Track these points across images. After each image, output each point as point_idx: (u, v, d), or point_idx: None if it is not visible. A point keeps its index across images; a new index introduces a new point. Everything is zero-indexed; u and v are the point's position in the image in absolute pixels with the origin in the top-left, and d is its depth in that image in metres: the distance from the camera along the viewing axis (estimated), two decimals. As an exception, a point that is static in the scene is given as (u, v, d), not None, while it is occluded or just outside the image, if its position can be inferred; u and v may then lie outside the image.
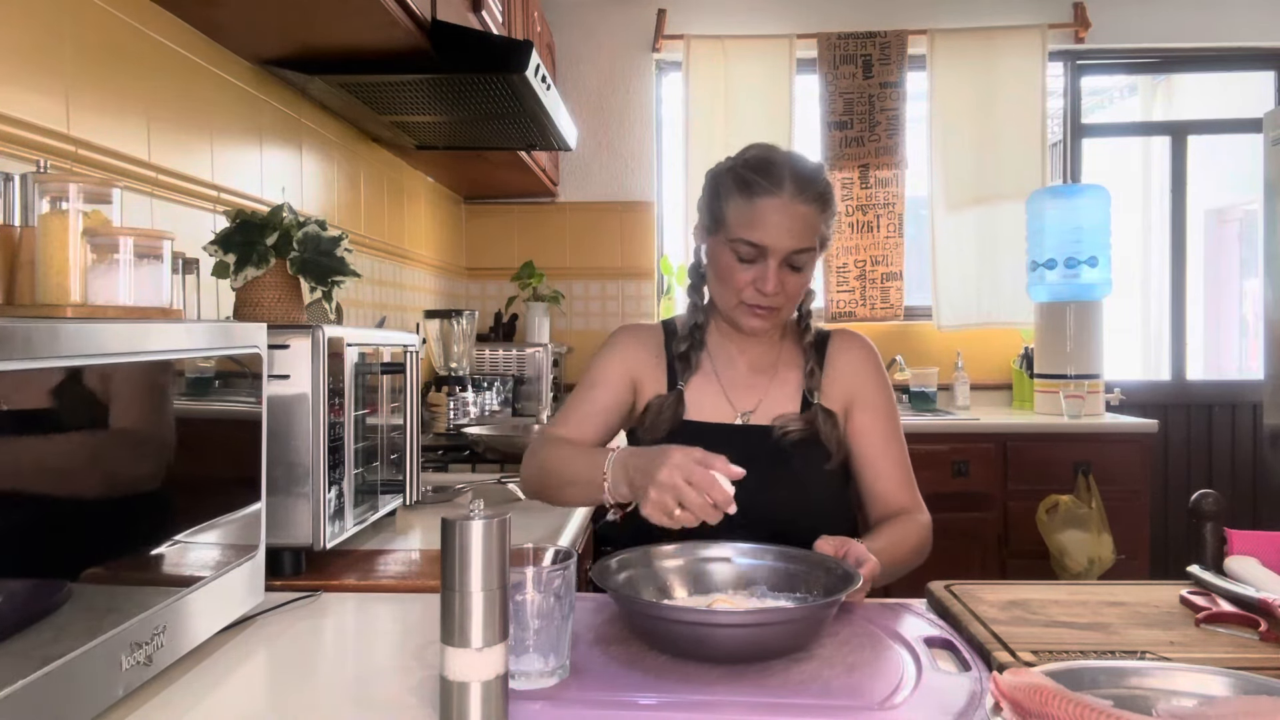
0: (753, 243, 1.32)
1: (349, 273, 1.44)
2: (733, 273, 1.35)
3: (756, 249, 1.32)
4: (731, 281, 1.36)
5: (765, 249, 1.32)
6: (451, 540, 0.78)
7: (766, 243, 1.32)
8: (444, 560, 0.78)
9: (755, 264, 1.34)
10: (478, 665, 0.77)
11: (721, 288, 1.39)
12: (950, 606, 1.09)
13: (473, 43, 1.90)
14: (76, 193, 0.93)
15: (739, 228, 1.33)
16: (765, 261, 1.33)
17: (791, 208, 1.32)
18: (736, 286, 1.35)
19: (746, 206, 1.33)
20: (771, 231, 1.31)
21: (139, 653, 0.82)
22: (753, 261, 1.34)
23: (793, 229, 1.32)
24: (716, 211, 1.38)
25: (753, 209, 1.32)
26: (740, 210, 1.34)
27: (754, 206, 1.32)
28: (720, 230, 1.37)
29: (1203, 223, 4.49)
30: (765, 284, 1.33)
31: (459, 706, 0.78)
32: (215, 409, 1.02)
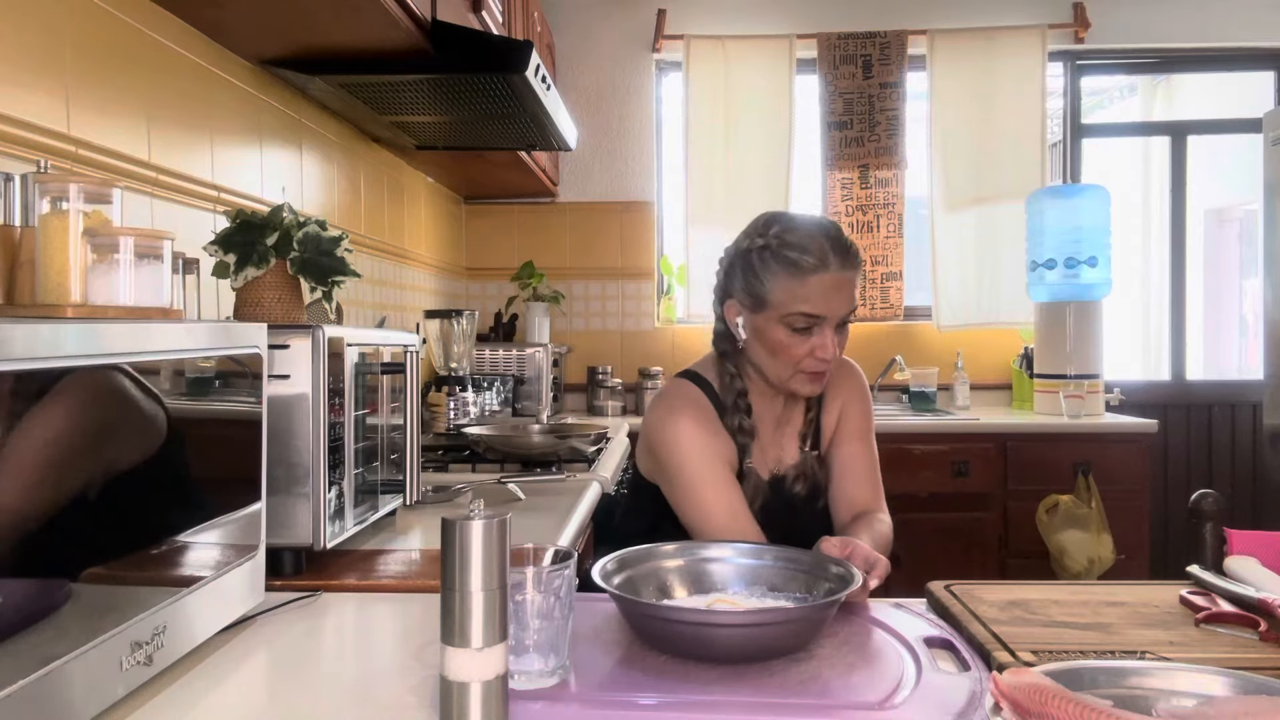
0: (811, 314, 1.39)
1: (349, 273, 1.44)
2: (790, 346, 1.42)
3: (813, 319, 1.40)
4: (788, 354, 1.42)
5: (822, 319, 1.40)
6: (451, 540, 0.78)
7: (825, 313, 1.39)
8: (444, 560, 0.78)
9: (811, 333, 1.41)
10: (478, 665, 0.77)
11: (776, 361, 1.45)
12: (950, 606, 1.09)
13: (473, 43, 1.90)
14: (77, 193, 0.93)
15: (793, 304, 1.40)
16: (822, 329, 1.40)
17: (840, 278, 1.40)
18: (794, 358, 1.42)
19: (798, 285, 1.39)
20: (828, 303, 1.39)
21: (139, 653, 0.82)
22: (808, 331, 1.41)
23: (843, 297, 1.41)
24: (757, 291, 1.43)
25: (805, 286, 1.39)
26: (790, 289, 1.40)
27: (806, 284, 1.39)
28: (767, 309, 1.42)
29: (1203, 223, 4.49)
30: (826, 351, 1.41)
31: (459, 706, 0.78)
32: (215, 409, 1.02)
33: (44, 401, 0.71)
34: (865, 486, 1.54)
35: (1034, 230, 3.46)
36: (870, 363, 3.75)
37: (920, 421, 3.27)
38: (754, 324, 1.46)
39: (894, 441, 3.08)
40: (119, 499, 0.83)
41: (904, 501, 3.10)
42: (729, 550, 1.16)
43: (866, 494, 1.54)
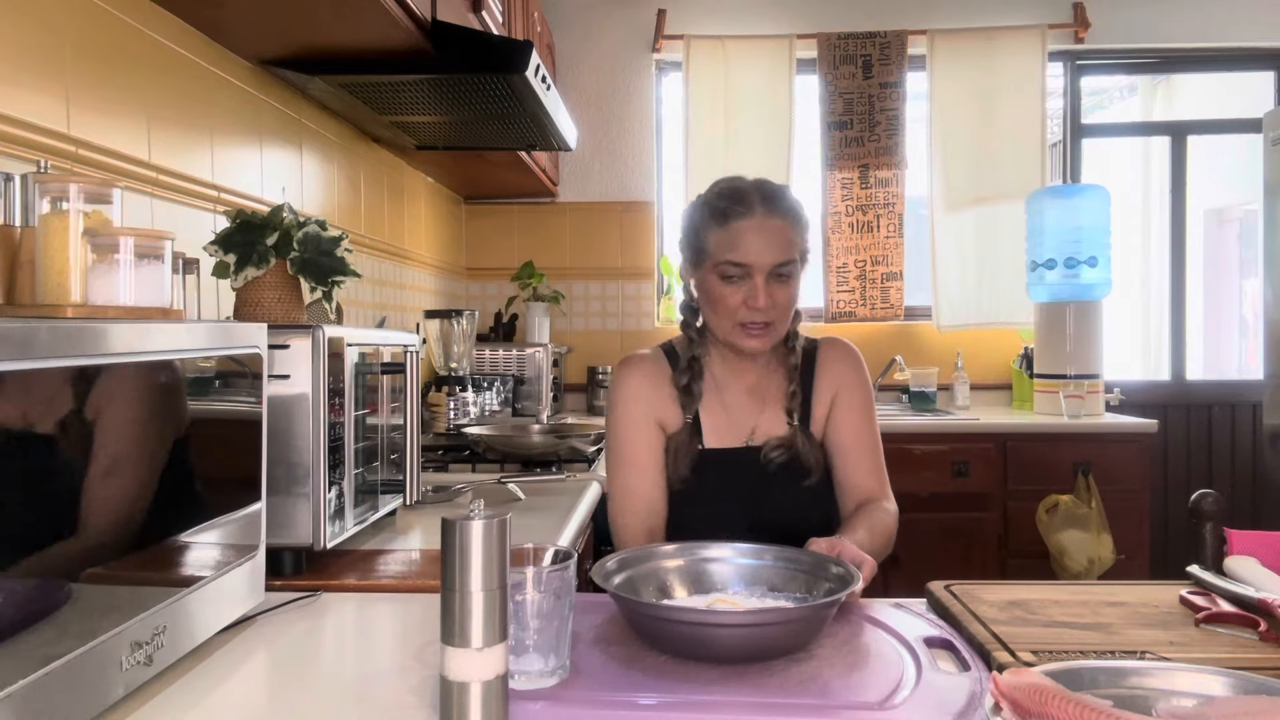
0: (736, 262, 1.40)
1: (349, 273, 1.44)
2: (724, 297, 1.42)
3: (741, 268, 1.40)
4: (724, 305, 1.42)
5: (749, 266, 1.40)
6: (451, 540, 0.78)
7: (749, 260, 1.39)
8: (444, 560, 0.78)
9: (743, 283, 1.40)
10: (478, 665, 0.77)
11: (715, 315, 1.45)
12: (950, 606, 1.09)
13: (473, 43, 1.90)
14: (77, 193, 0.93)
15: (721, 252, 1.41)
16: (751, 279, 1.40)
17: (766, 224, 1.40)
18: (730, 308, 1.42)
19: (723, 232, 1.41)
20: (752, 249, 1.39)
21: (139, 653, 0.82)
22: (739, 281, 1.40)
23: (770, 244, 1.40)
24: (697, 244, 1.45)
25: (729, 233, 1.41)
26: (719, 237, 1.42)
27: (730, 230, 1.41)
28: (704, 261, 1.44)
29: (1203, 223, 4.49)
30: (756, 299, 1.40)
31: (459, 706, 0.78)
32: (216, 409, 1.02)
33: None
34: (869, 473, 1.52)
35: (1034, 230, 3.46)
36: (870, 363, 3.73)
37: (920, 421, 3.27)
38: (698, 279, 1.47)
39: (894, 441, 3.05)
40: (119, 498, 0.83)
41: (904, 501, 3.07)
42: (729, 550, 1.16)
43: (870, 480, 1.51)
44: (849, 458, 1.52)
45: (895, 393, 3.76)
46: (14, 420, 0.68)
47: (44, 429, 0.72)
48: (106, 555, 0.80)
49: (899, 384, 3.74)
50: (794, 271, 1.43)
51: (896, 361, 3.68)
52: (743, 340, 1.44)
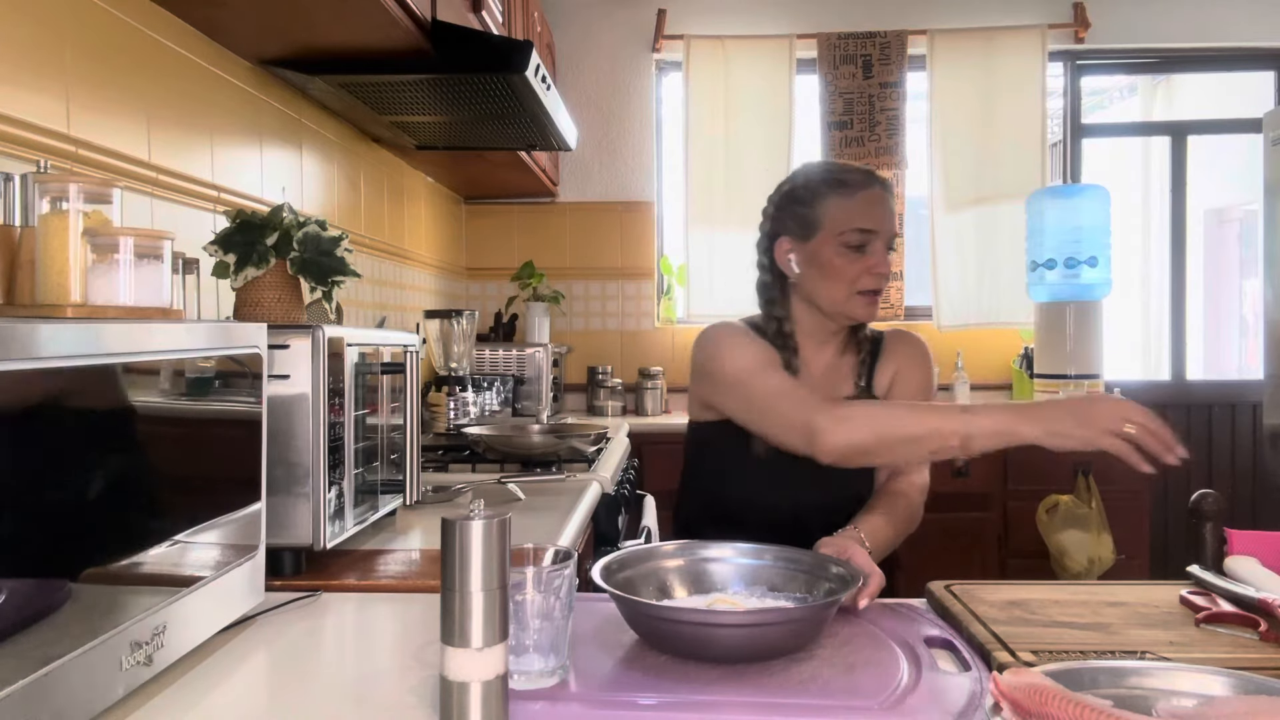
0: (865, 228, 1.44)
1: (349, 273, 1.44)
2: (844, 266, 1.45)
3: (868, 234, 1.44)
4: (844, 274, 1.45)
5: (876, 232, 1.45)
6: (451, 540, 0.78)
7: (877, 226, 1.45)
8: (444, 560, 0.78)
9: (864, 251, 1.45)
10: (478, 665, 0.77)
11: (831, 284, 1.47)
12: (950, 606, 1.09)
13: (473, 43, 1.90)
14: (76, 193, 0.93)
15: (846, 220, 1.45)
16: (874, 245, 1.45)
17: (884, 197, 1.48)
18: (850, 277, 1.45)
19: (848, 201, 1.45)
20: (877, 218, 1.45)
21: (139, 653, 0.82)
22: (860, 250, 1.45)
23: (890, 215, 1.48)
24: (809, 218, 1.48)
25: (854, 200, 1.45)
26: (842, 205, 1.45)
27: (855, 199, 1.45)
28: (820, 232, 1.46)
29: (1203, 223, 4.49)
30: (882, 265, 1.45)
31: (459, 706, 0.78)
32: (215, 409, 1.02)
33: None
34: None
35: (1034, 230, 3.46)
36: (870, 363, 3.75)
37: (920, 421, 3.27)
38: (807, 252, 1.48)
39: (894, 441, 3.07)
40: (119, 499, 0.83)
41: (904, 501, 3.11)
42: (729, 550, 1.16)
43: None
44: None
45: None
46: (14, 420, 0.68)
47: (44, 429, 0.72)
48: (106, 555, 0.80)
49: (899, 384, 3.73)
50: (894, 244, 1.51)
51: (896, 361, 3.68)
52: (860, 308, 1.47)
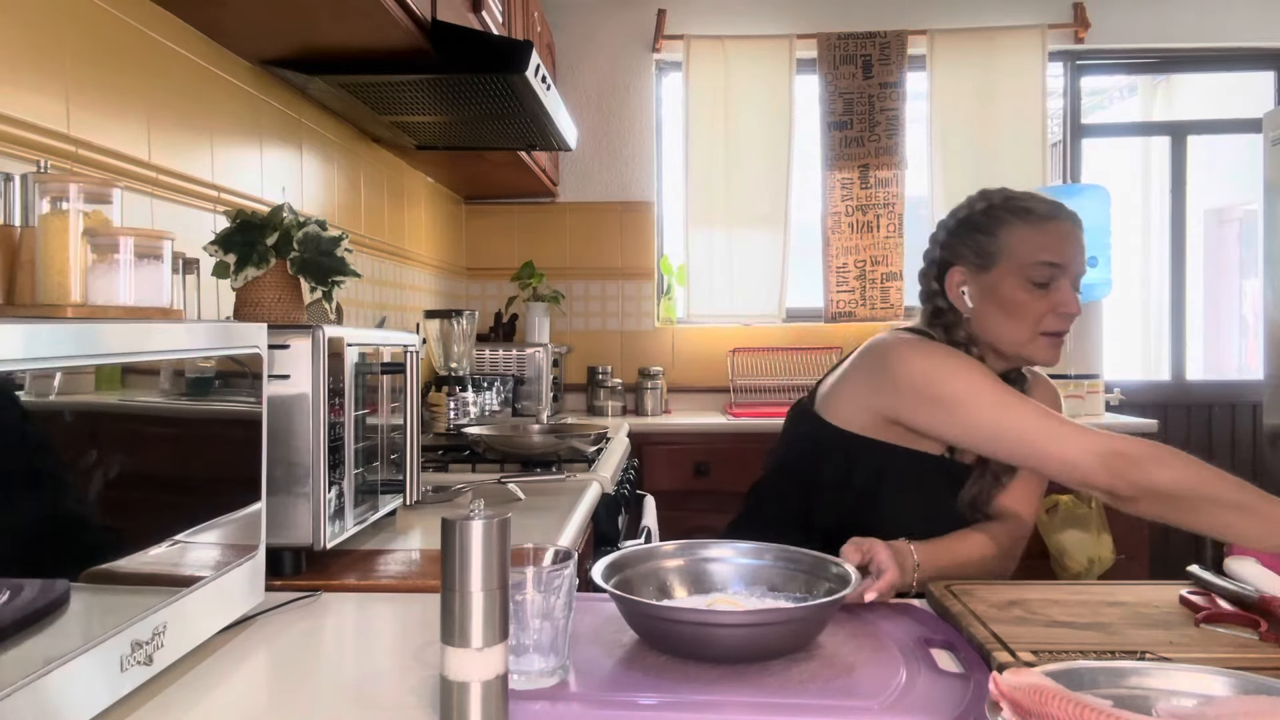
0: (1053, 263, 1.31)
1: (349, 273, 1.44)
2: (1028, 303, 1.32)
3: (1055, 269, 1.32)
4: (1028, 312, 1.32)
5: (1064, 268, 1.32)
6: (451, 540, 0.78)
7: (1066, 262, 1.32)
8: (444, 560, 0.78)
9: (1050, 288, 1.32)
10: (478, 665, 0.77)
11: (1013, 322, 1.34)
12: (950, 606, 1.09)
13: (473, 43, 1.90)
14: (77, 193, 0.93)
15: (1032, 253, 1.32)
16: (1062, 283, 1.32)
17: (1077, 232, 1.35)
18: (1035, 316, 1.32)
19: (1037, 232, 1.33)
20: (1067, 252, 1.32)
21: (139, 653, 0.82)
22: (1047, 286, 1.32)
23: (1079, 250, 1.34)
24: (989, 248, 1.35)
25: (1044, 233, 1.32)
26: (1028, 237, 1.33)
27: (1045, 230, 1.33)
28: (1000, 263, 1.34)
29: (1203, 223, 4.49)
30: (1071, 305, 1.32)
31: (459, 706, 0.78)
32: (216, 409, 1.02)
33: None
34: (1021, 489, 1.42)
35: (1034, 230, 3.46)
36: (870, 363, 3.75)
37: (920, 421, 3.27)
38: (985, 284, 1.35)
39: (894, 441, 3.07)
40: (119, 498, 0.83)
41: (904, 501, 3.10)
42: (729, 550, 1.16)
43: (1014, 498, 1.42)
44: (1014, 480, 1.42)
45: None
46: (14, 420, 0.68)
47: (43, 429, 0.72)
48: (106, 555, 0.80)
49: (899, 384, 3.73)
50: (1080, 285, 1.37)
51: (896, 361, 3.68)
52: (1042, 352, 1.34)
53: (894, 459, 1.38)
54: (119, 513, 0.83)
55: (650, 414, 3.64)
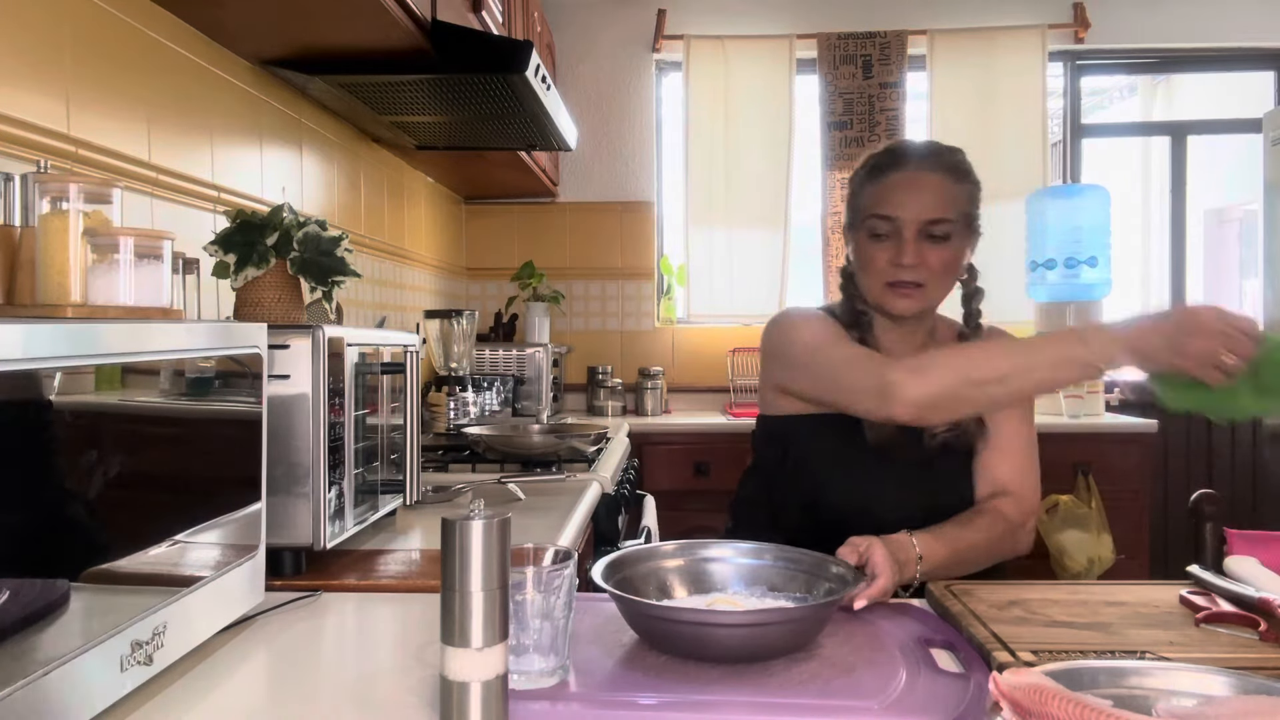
0: (884, 215, 1.35)
1: (349, 273, 1.44)
2: (872, 256, 1.37)
3: (889, 222, 1.35)
4: (873, 264, 1.37)
5: (897, 220, 1.34)
6: (451, 540, 0.78)
7: (898, 214, 1.34)
8: (444, 560, 0.78)
9: (891, 241, 1.35)
10: (478, 665, 0.77)
11: (866, 276, 1.40)
12: (950, 606, 1.09)
13: (473, 43, 1.90)
14: (77, 193, 0.93)
15: (870, 206, 1.37)
16: (900, 235, 1.34)
17: (918, 178, 1.35)
18: (878, 267, 1.36)
19: (875, 185, 1.37)
20: (902, 202, 1.34)
21: (139, 653, 0.82)
22: (887, 239, 1.36)
23: (922, 199, 1.34)
24: (854, 204, 1.42)
25: (880, 185, 1.37)
26: (871, 192, 1.38)
27: (881, 184, 1.37)
28: (858, 222, 1.40)
29: (1203, 223, 4.49)
30: (902, 255, 1.33)
31: (459, 706, 0.78)
32: (215, 409, 1.02)
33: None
34: (1011, 462, 1.41)
35: (1034, 230, 3.46)
36: (870, 363, 3.75)
37: (920, 421, 3.27)
38: (853, 243, 1.42)
39: (894, 441, 3.07)
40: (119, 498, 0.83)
41: (904, 501, 3.10)
42: (729, 550, 1.16)
43: (1007, 472, 1.41)
44: (996, 445, 1.42)
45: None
46: (13, 420, 0.68)
47: (43, 429, 0.72)
48: (106, 555, 0.80)
49: (899, 384, 3.73)
50: (951, 233, 1.35)
51: (896, 361, 3.68)
52: (891, 301, 1.37)
53: (802, 427, 1.43)
54: (119, 512, 0.83)
55: (650, 414, 3.64)
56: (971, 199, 1.41)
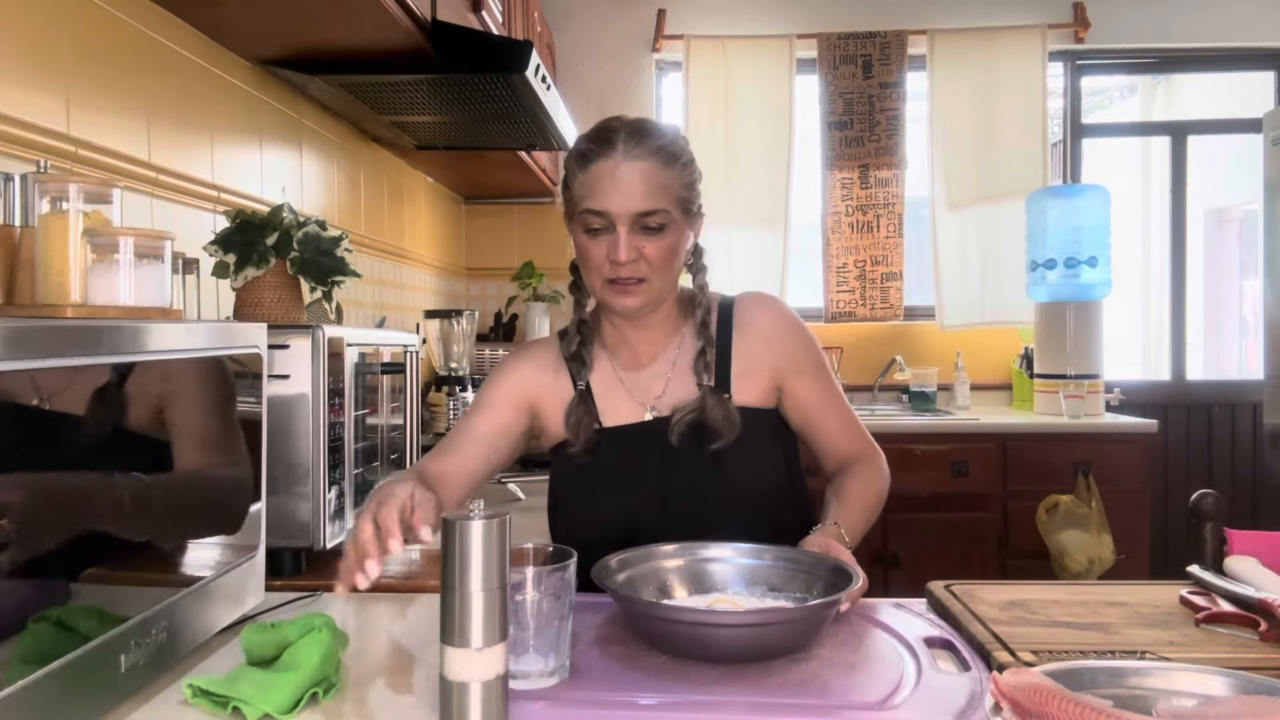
0: (594, 210, 1.23)
1: (349, 273, 1.44)
2: (588, 250, 1.26)
3: (601, 216, 1.23)
4: (590, 260, 1.26)
5: (609, 215, 1.23)
6: (451, 540, 0.78)
7: (607, 208, 1.22)
8: (444, 560, 0.78)
9: (605, 234, 1.24)
10: (477, 665, 0.77)
11: (586, 272, 1.29)
12: (950, 606, 1.09)
13: (473, 43, 1.90)
14: (76, 193, 0.93)
15: (580, 199, 1.25)
16: (614, 230, 1.23)
17: (626, 166, 1.23)
18: (595, 264, 1.26)
19: (586, 176, 1.25)
20: (611, 195, 1.22)
21: (139, 652, 0.82)
22: (603, 234, 1.24)
23: (632, 189, 1.22)
24: (567, 195, 1.29)
25: (590, 176, 1.24)
26: (582, 182, 1.25)
27: (591, 173, 1.24)
28: (574, 212, 1.28)
29: (1203, 223, 4.49)
30: (617, 252, 1.23)
31: (459, 706, 0.78)
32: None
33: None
34: (849, 435, 1.39)
35: (1034, 230, 3.46)
36: (870, 363, 3.75)
37: (920, 421, 3.27)
38: (572, 235, 1.30)
39: (894, 441, 3.07)
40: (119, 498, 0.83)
41: (904, 501, 3.10)
42: (729, 550, 1.16)
43: (851, 441, 1.39)
44: (823, 426, 1.38)
45: (895, 393, 3.76)
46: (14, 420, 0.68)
47: (44, 429, 0.72)
48: (107, 555, 0.80)
49: (899, 384, 3.74)
50: (667, 222, 1.25)
51: (896, 361, 3.68)
52: (612, 299, 1.27)
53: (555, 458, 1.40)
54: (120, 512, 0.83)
55: (650, 414, 3.63)
56: (686, 182, 1.30)
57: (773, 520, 1.30)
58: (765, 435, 1.35)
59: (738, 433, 1.30)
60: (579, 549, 0.97)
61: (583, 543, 1.05)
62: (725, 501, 1.29)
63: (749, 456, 1.31)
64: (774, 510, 1.32)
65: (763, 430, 1.35)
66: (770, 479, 1.34)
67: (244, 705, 0.81)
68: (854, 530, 1.26)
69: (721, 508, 1.28)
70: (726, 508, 1.28)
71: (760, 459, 1.33)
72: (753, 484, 1.32)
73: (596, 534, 1.24)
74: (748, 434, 1.31)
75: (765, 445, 1.35)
